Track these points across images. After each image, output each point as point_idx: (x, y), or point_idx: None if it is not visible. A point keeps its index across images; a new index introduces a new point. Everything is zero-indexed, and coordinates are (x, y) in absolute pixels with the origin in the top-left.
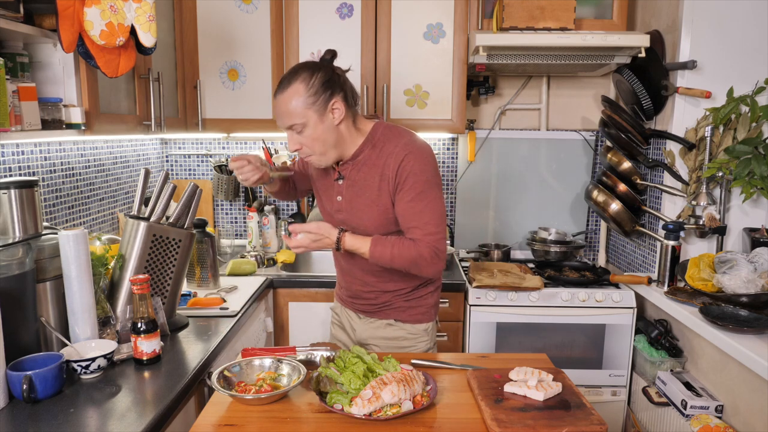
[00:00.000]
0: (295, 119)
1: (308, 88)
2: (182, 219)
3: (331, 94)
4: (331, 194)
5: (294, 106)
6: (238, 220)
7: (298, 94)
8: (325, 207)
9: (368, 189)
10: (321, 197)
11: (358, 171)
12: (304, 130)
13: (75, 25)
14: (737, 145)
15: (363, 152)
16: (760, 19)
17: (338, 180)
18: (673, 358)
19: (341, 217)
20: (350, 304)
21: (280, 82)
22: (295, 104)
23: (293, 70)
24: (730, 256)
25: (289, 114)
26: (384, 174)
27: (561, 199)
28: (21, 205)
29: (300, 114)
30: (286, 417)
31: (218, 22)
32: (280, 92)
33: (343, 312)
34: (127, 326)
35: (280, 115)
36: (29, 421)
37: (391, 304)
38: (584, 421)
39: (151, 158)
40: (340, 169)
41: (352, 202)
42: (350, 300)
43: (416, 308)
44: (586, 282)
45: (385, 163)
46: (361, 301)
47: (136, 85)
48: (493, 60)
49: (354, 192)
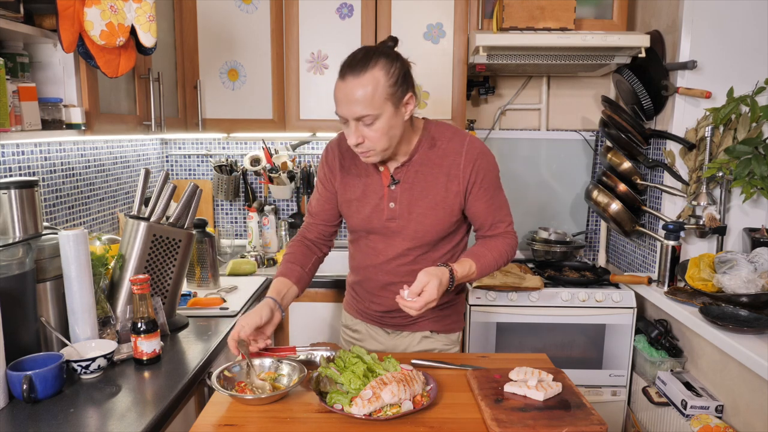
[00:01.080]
0: (369, 110)
1: (389, 77)
2: (182, 219)
3: (407, 87)
4: (377, 203)
5: (372, 94)
6: (238, 220)
7: (377, 82)
8: (369, 219)
9: (432, 191)
10: (359, 211)
11: (416, 172)
12: (375, 123)
13: (75, 25)
14: (737, 145)
15: (419, 152)
16: (760, 19)
17: (391, 185)
18: (673, 358)
19: (395, 225)
20: (379, 320)
21: (349, 64)
22: (374, 92)
23: (366, 53)
24: (730, 256)
25: (363, 103)
26: (451, 174)
27: (561, 199)
28: (21, 205)
29: (377, 105)
30: (286, 417)
31: (218, 22)
32: (352, 75)
33: (367, 329)
34: (127, 326)
35: (351, 102)
36: (29, 421)
37: (426, 315)
38: (584, 421)
39: (151, 158)
40: (393, 173)
41: (411, 207)
42: (380, 316)
43: (450, 317)
44: (586, 282)
45: (452, 162)
46: (397, 316)
47: (136, 85)
48: (493, 60)
49: (413, 195)
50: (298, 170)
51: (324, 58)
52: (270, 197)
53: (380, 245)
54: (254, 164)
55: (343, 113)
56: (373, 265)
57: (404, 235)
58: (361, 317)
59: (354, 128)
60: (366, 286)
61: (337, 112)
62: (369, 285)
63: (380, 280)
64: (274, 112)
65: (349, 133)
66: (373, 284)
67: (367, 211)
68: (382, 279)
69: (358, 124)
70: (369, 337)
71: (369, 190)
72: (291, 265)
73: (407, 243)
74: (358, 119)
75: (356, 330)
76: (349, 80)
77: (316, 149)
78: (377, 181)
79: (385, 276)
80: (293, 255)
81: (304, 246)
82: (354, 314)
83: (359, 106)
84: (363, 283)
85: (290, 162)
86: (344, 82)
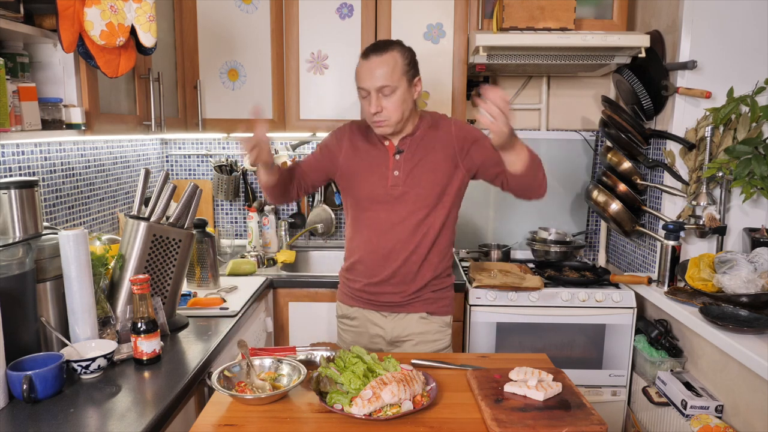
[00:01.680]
0: (389, 81)
1: (404, 58)
2: (182, 219)
3: (416, 71)
4: (383, 172)
5: (392, 69)
6: (238, 220)
7: (396, 60)
8: (374, 188)
9: (430, 157)
10: (366, 180)
11: (417, 145)
12: (393, 95)
13: (75, 25)
14: (737, 145)
15: (420, 129)
16: (760, 19)
17: (396, 155)
18: (673, 358)
19: (398, 191)
20: (374, 301)
21: (373, 48)
22: (393, 68)
23: (384, 42)
24: (730, 256)
25: (385, 75)
26: (445, 142)
27: (561, 199)
28: (21, 205)
29: (396, 78)
30: (286, 417)
31: (218, 22)
32: (375, 54)
33: (362, 315)
34: (127, 326)
35: (375, 74)
36: (29, 421)
37: (420, 295)
38: (584, 421)
39: (151, 158)
40: (398, 145)
41: (412, 173)
42: (374, 296)
43: (443, 300)
44: (586, 282)
45: (445, 133)
46: (390, 292)
47: (136, 85)
48: (493, 60)
49: (414, 163)
50: None
51: (324, 58)
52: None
53: (383, 214)
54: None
55: (366, 85)
56: (376, 234)
57: (406, 200)
58: (357, 303)
59: (375, 98)
60: (367, 260)
61: (360, 86)
62: (371, 258)
63: (383, 248)
64: (274, 112)
65: (369, 104)
66: (374, 256)
67: (373, 179)
68: (385, 246)
69: (378, 95)
70: (367, 322)
71: (375, 161)
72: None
73: (409, 207)
74: (379, 90)
75: (353, 318)
76: (372, 58)
77: None
78: (383, 154)
79: (387, 242)
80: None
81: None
82: (349, 302)
83: (381, 78)
84: (364, 259)
85: (290, 162)
86: (368, 60)
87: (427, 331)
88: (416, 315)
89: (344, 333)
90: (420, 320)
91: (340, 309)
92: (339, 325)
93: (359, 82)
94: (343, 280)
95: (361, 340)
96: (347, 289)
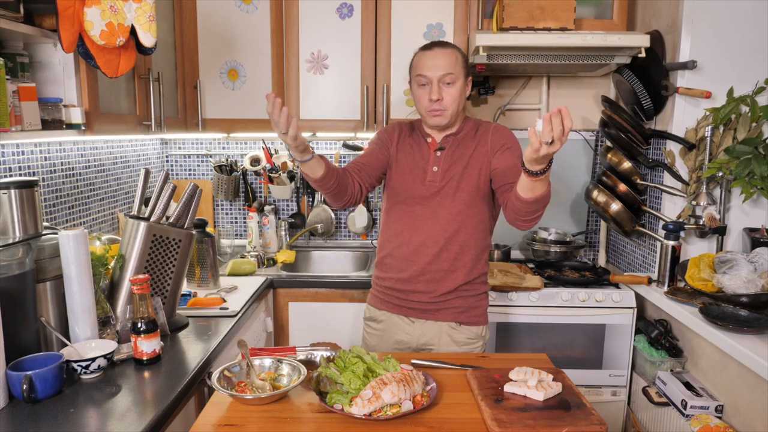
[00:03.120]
0: (452, 70)
1: (463, 57)
2: (182, 219)
3: (469, 71)
4: (423, 167)
5: (454, 61)
6: (238, 220)
7: (457, 55)
8: (413, 182)
9: (468, 155)
10: (406, 174)
11: (458, 144)
12: (453, 85)
13: (75, 25)
14: (737, 145)
15: (464, 130)
16: (760, 19)
17: (437, 151)
18: (673, 358)
19: (435, 186)
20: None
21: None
22: (455, 60)
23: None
24: (730, 256)
25: (448, 65)
26: (483, 141)
27: (561, 199)
28: (21, 205)
29: (458, 70)
30: (286, 417)
31: (218, 22)
32: (439, 47)
33: (389, 319)
34: (127, 326)
35: (439, 63)
36: (29, 421)
37: (450, 301)
38: (584, 421)
39: (151, 158)
40: (441, 142)
41: (449, 171)
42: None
43: (476, 308)
44: (586, 282)
45: (484, 134)
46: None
47: (136, 85)
48: (493, 60)
49: (452, 161)
50: (298, 170)
51: (324, 58)
52: (270, 197)
53: (417, 209)
54: (254, 164)
55: (429, 73)
56: (407, 228)
57: (442, 196)
58: (385, 306)
59: (437, 87)
60: (397, 254)
61: (422, 73)
62: (400, 252)
63: (413, 242)
64: None
65: (430, 92)
66: (404, 249)
67: (414, 173)
68: (415, 240)
69: (440, 83)
70: (393, 326)
71: (418, 157)
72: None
73: (443, 203)
74: (441, 79)
75: (380, 321)
76: (436, 50)
77: (316, 149)
78: (425, 150)
79: (418, 237)
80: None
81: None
82: (377, 304)
83: (445, 66)
84: (394, 252)
85: (290, 162)
86: (432, 51)
87: (456, 342)
88: (445, 324)
89: (369, 337)
90: (449, 329)
91: (368, 311)
92: (365, 327)
93: (420, 70)
94: (375, 280)
95: (383, 345)
96: (377, 290)
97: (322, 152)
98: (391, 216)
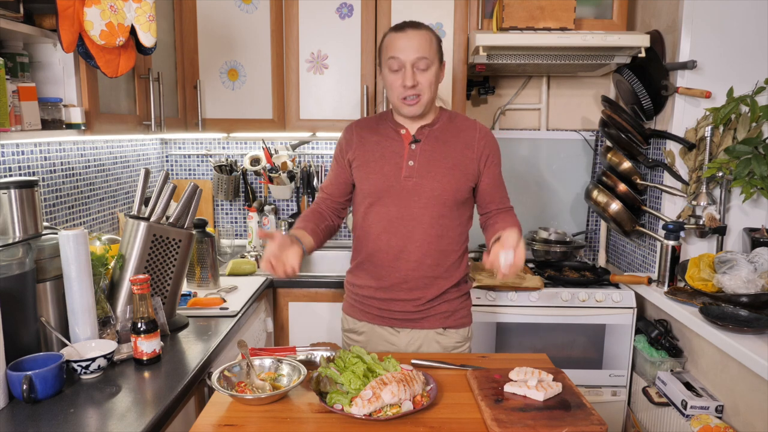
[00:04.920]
0: (427, 53)
1: (437, 39)
2: (182, 219)
3: (442, 57)
4: (396, 161)
5: (428, 43)
6: (238, 220)
7: (431, 37)
8: (386, 178)
9: (451, 153)
10: (377, 170)
11: (436, 138)
12: (428, 70)
13: (75, 25)
14: (737, 145)
15: (440, 121)
16: (760, 19)
17: (412, 144)
18: (673, 358)
19: (412, 184)
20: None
21: (408, 23)
22: (429, 43)
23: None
24: (730, 256)
25: (423, 47)
26: (467, 143)
27: (561, 199)
28: (21, 205)
29: (433, 53)
30: (286, 417)
31: (218, 22)
32: (413, 29)
33: (372, 330)
34: (127, 326)
35: (412, 46)
36: (29, 421)
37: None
38: (584, 421)
39: (151, 158)
40: (415, 134)
41: (429, 166)
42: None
43: (460, 311)
44: (586, 282)
45: (468, 135)
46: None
47: (136, 85)
48: (493, 60)
49: (433, 156)
50: (298, 170)
51: (324, 58)
52: (270, 197)
53: (394, 209)
54: (254, 164)
55: (402, 56)
56: (386, 231)
57: (420, 194)
58: (365, 317)
59: (410, 71)
60: (375, 259)
61: (394, 55)
62: (379, 257)
63: (394, 246)
64: (274, 112)
65: (403, 77)
66: (384, 255)
67: (385, 170)
68: (396, 244)
69: (414, 68)
70: (377, 338)
71: (388, 150)
72: (303, 222)
73: (423, 202)
74: (415, 63)
75: (361, 332)
76: (409, 31)
77: (316, 149)
78: (398, 143)
79: (399, 241)
80: (304, 216)
81: (315, 211)
82: (356, 315)
83: (420, 49)
84: (372, 258)
85: (290, 162)
86: (404, 33)
87: (444, 347)
88: (432, 331)
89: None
90: (436, 335)
91: (346, 322)
92: (344, 339)
93: (392, 52)
94: (349, 287)
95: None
96: (354, 299)
97: (322, 152)
98: (367, 218)
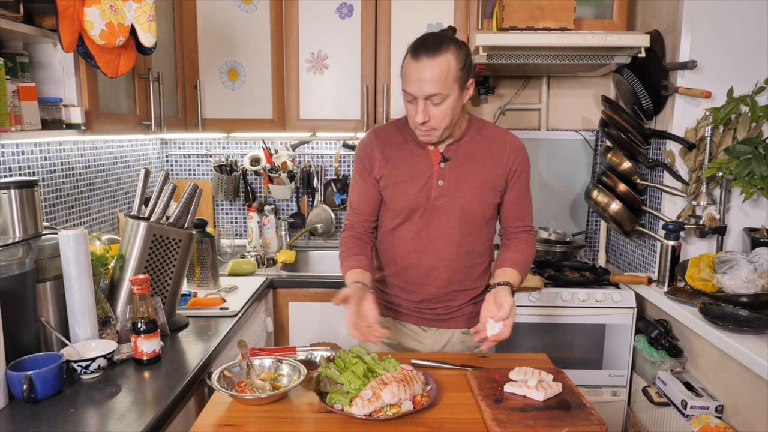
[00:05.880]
0: (441, 89)
1: (458, 62)
2: (182, 219)
3: (470, 73)
4: (425, 181)
5: (445, 75)
6: (238, 220)
7: (449, 65)
8: (417, 198)
9: (480, 170)
10: (407, 191)
11: (465, 153)
12: (443, 103)
13: (75, 25)
14: (737, 145)
15: (468, 134)
16: (760, 19)
17: (441, 163)
18: (673, 358)
19: (442, 203)
20: (415, 314)
21: (425, 47)
22: (447, 74)
23: (438, 38)
24: (730, 256)
25: (436, 82)
26: (496, 157)
27: (561, 199)
28: (21, 205)
29: (448, 86)
30: (286, 417)
31: (218, 22)
32: (427, 57)
33: (401, 328)
34: (127, 326)
35: (424, 81)
36: (29, 421)
37: (463, 310)
38: (584, 421)
39: (151, 158)
40: (444, 152)
41: (459, 185)
42: (416, 309)
43: None
44: (586, 282)
45: (497, 148)
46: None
47: (136, 85)
48: (493, 60)
49: (462, 174)
50: (298, 170)
51: (324, 58)
52: (270, 197)
53: (424, 228)
54: (254, 164)
55: (414, 91)
56: (416, 250)
57: (450, 213)
58: (391, 314)
59: (422, 106)
60: (406, 276)
61: (407, 89)
62: (410, 274)
63: (423, 266)
64: (274, 112)
65: (416, 111)
66: (414, 272)
67: (415, 190)
68: (426, 264)
69: (426, 102)
70: (403, 335)
71: (417, 170)
72: (355, 257)
73: (452, 222)
74: (428, 97)
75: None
76: (423, 60)
77: (316, 149)
78: (426, 162)
79: (429, 260)
80: (352, 248)
81: (357, 239)
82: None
83: (432, 85)
84: (402, 273)
85: (290, 162)
86: (418, 62)
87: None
88: (458, 330)
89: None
90: (461, 335)
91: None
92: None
93: (405, 85)
94: (377, 289)
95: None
96: (381, 298)
97: (322, 152)
98: (396, 234)
